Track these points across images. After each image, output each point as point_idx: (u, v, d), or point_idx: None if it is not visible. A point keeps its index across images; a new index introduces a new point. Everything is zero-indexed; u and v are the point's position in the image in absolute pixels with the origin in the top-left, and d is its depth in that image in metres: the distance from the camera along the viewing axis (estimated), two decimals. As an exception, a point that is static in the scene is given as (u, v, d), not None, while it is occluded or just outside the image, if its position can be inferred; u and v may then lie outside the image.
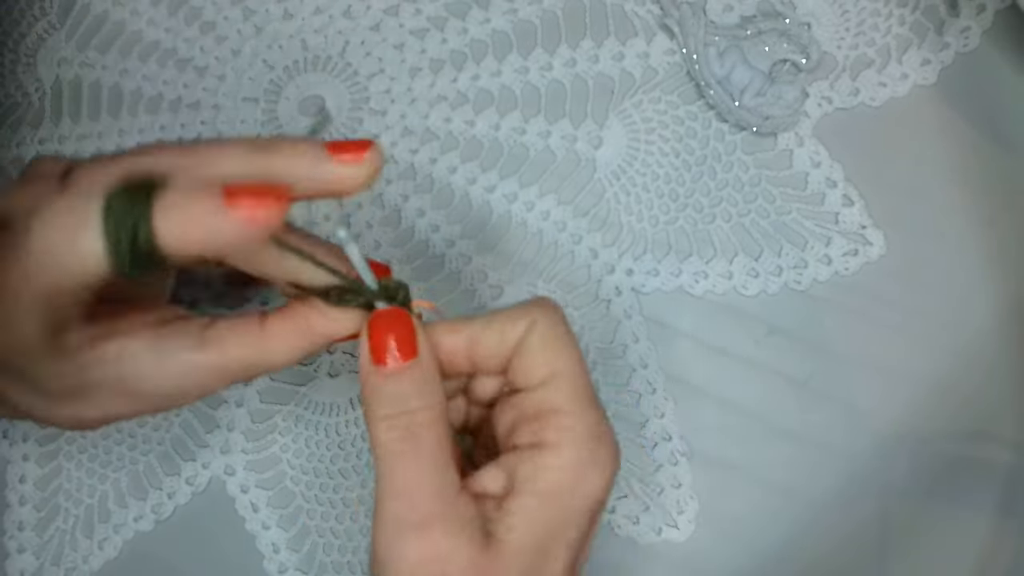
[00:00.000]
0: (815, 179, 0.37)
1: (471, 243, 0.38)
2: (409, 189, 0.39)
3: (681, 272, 0.36)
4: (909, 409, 0.35)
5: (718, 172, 0.37)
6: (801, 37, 0.37)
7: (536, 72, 0.39)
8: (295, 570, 0.36)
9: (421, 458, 0.25)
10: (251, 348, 0.27)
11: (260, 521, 0.36)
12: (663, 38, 0.39)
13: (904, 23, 0.38)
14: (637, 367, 0.36)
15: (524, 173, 0.38)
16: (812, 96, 0.37)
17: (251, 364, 0.28)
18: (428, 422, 0.25)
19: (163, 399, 0.28)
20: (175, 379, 0.27)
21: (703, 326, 0.36)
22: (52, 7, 0.44)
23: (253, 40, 0.42)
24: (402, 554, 0.24)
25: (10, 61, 0.43)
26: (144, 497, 0.37)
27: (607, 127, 0.38)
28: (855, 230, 0.36)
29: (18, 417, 0.29)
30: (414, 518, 0.24)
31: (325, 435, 0.37)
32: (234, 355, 0.27)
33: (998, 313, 0.35)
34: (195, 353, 0.27)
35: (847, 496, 0.34)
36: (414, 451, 0.25)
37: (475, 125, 0.39)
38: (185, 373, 0.27)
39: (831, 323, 0.36)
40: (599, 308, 0.37)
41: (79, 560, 0.37)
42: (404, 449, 0.25)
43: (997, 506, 0.34)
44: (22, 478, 0.38)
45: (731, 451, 0.35)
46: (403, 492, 0.25)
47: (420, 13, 0.41)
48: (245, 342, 0.27)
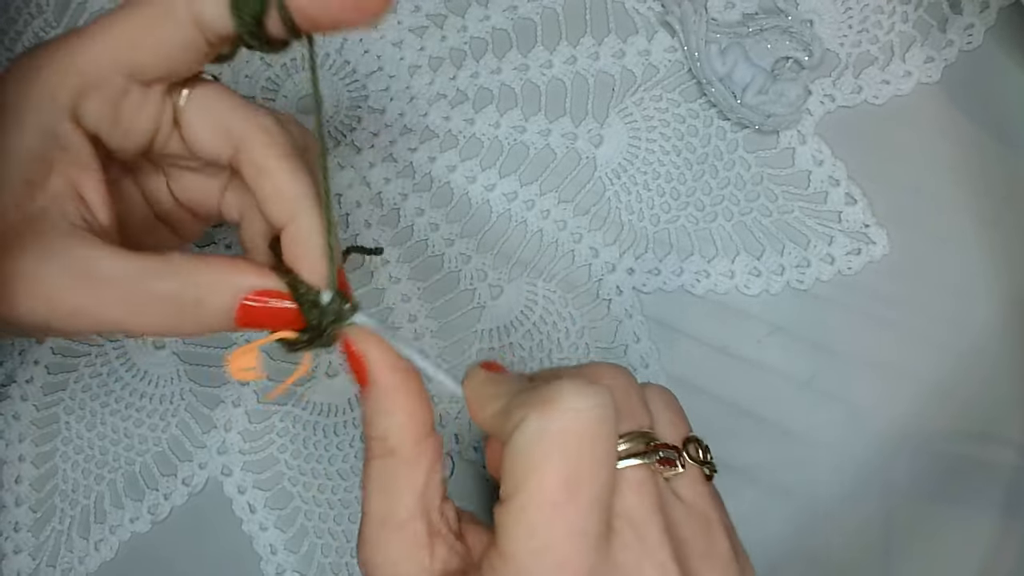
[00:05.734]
0: (818, 177, 0.36)
1: (470, 242, 0.38)
2: (408, 187, 0.38)
3: (683, 271, 0.36)
4: (912, 409, 0.34)
5: (720, 170, 0.37)
6: (803, 34, 0.37)
7: (536, 70, 0.39)
8: (293, 571, 0.36)
9: (368, 489, 0.24)
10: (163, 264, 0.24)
11: (258, 522, 0.36)
12: (664, 35, 0.38)
13: (907, 20, 0.37)
14: (638, 367, 0.36)
15: (524, 171, 0.38)
16: (814, 94, 0.37)
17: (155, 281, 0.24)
18: (377, 453, 0.24)
19: (28, 285, 0.23)
20: (61, 259, 0.23)
21: (705, 326, 0.36)
22: (48, 5, 0.43)
23: (251, 38, 0.42)
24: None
25: (6, 59, 0.43)
26: (140, 498, 0.37)
27: (608, 125, 0.38)
28: (858, 229, 0.36)
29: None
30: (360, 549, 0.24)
31: (323, 436, 0.37)
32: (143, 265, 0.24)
33: (1002, 312, 0.35)
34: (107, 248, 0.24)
35: (850, 497, 0.34)
36: (366, 480, 0.24)
37: (475, 123, 0.39)
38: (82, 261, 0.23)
39: (834, 322, 0.35)
40: (600, 308, 0.36)
41: (75, 561, 0.37)
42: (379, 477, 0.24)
43: (1001, 507, 0.33)
44: (18, 479, 0.38)
45: (733, 451, 0.34)
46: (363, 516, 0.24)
47: (419, 10, 0.40)
48: (161, 258, 0.24)
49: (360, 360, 0.24)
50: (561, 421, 0.21)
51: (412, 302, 0.37)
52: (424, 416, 0.25)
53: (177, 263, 0.24)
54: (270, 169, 0.26)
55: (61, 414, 0.38)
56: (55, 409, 0.38)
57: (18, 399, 0.38)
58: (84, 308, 0.23)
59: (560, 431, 0.21)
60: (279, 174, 0.26)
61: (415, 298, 0.37)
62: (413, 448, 0.24)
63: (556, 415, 0.21)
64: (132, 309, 0.23)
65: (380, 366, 0.24)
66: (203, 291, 0.24)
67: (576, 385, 0.22)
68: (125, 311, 0.23)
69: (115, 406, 0.38)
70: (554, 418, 0.21)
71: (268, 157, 0.26)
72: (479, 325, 0.37)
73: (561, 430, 0.21)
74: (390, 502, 0.24)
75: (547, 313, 0.37)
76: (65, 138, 0.24)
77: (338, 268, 0.26)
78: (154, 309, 0.24)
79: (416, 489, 0.24)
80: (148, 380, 0.38)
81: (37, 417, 0.38)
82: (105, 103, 0.25)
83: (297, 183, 0.26)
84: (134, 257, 0.24)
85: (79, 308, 0.23)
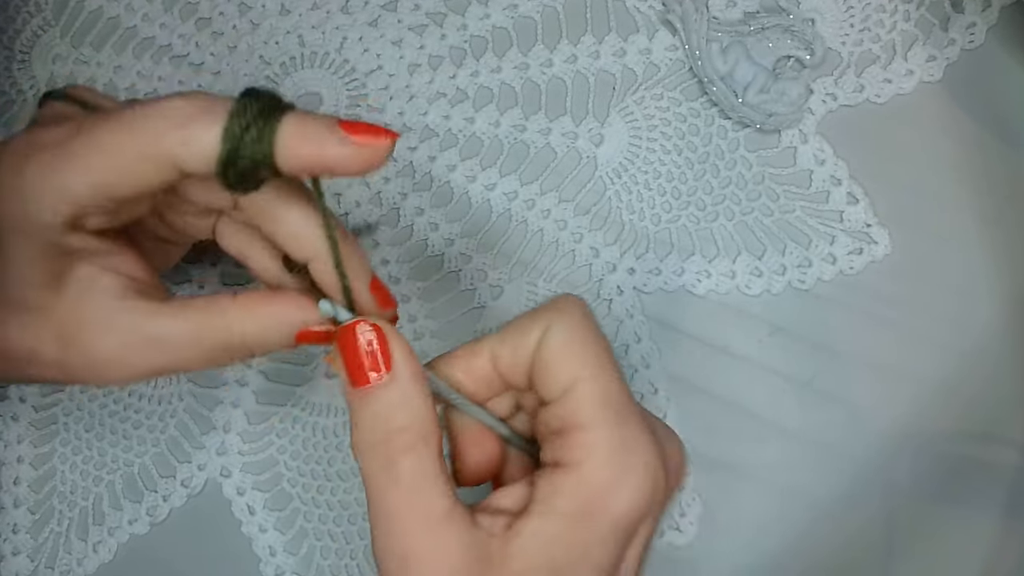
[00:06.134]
0: (819, 177, 0.36)
1: (470, 242, 0.37)
2: (408, 187, 0.38)
3: (684, 271, 0.36)
4: (914, 409, 0.34)
5: (721, 170, 0.37)
6: (805, 33, 0.37)
7: (536, 68, 0.39)
8: (292, 573, 0.35)
9: (401, 487, 0.23)
10: (218, 316, 0.26)
11: (257, 523, 0.36)
12: (665, 34, 0.38)
13: (909, 19, 0.37)
14: (639, 367, 0.35)
15: (524, 171, 0.38)
16: (816, 93, 0.37)
17: (214, 332, 0.26)
18: (406, 447, 0.24)
19: (102, 364, 0.26)
20: (126, 333, 0.25)
21: (706, 326, 0.36)
22: (47, 4, 0.43)
23: (249, 36, 0.41)
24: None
25: (4, 58, 0.43)
26: (139, 499, 0.37)
27: (608, 124, 0.38)
28: (860, 228, 0.35)
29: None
30: (397, 550, 0.23)
31: (323, 437, 0.36)
32: (200, 319, 0.26)
33: (1004, 312, 0.35)
34: (161, 307, 0.26)
35: (851, 497, 0.34)
36: (394, 481, 0.23)
37: (475, 122, 0.39)
38: (142, 325, 0.25)
39: (835, 322, 0.35)
40: (600, 308, 0.36)
41: (73, 563, 0.36)
42: (383, 479, 0.24)
43: (1003, 507, 0.33)
44: (16, 480, 0.37)
45: (734, 452, 0.34)
46: (385, 520, 0.24)
47: (419, 9, 0.40)
48: (214, 308, 0.26)
49: (362, 358, 0.24)
50: (576, 316, 0.24)
51: (411, 302, 0.37)
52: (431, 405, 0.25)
53: (231, 314, 0.26)
54: (279, 215, 0.27)
55: (59, 415, 0.38)
56: (53, 410, 0.38)
57: (16, 400, 0.38)
58: (164, 366, 0.26)
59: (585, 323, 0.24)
60: (290, 217, 0.27)
61: (414, 298, 0.37)
62: (436, 436, 0.24)
63: (575, 315, 0.25)
64: (204, 358, 0.26)
65: (406, 356, 0.24)
66: (260, 335, 0.26)
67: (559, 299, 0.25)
68: (199, 361, 0.26)
69: (113, 407, 0.38)
70: (575, 318, 0.24)
71: (272, 202, 0.27)
72: (479, 325, 0.36)
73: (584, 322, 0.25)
74: (430, 495, 0.23)
75: (547, 313, 0.36)
76: (71, 243, 0.25)
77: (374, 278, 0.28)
78: (222, 354, 0.26)
79: (447, 474, 0.24)
80: (147, 381, 0.38)
81: (35, 418, 0.38)
82: (99, 215, 0.25)
83: (309, 222, 0.27)
84: (190, 313, 0.26)
85: (160, 367, 0.26)
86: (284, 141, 0.23)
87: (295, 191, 0.27)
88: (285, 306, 0.26)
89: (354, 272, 0.26)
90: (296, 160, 0.24)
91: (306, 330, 0.27)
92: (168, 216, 0.29)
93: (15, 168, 0.24)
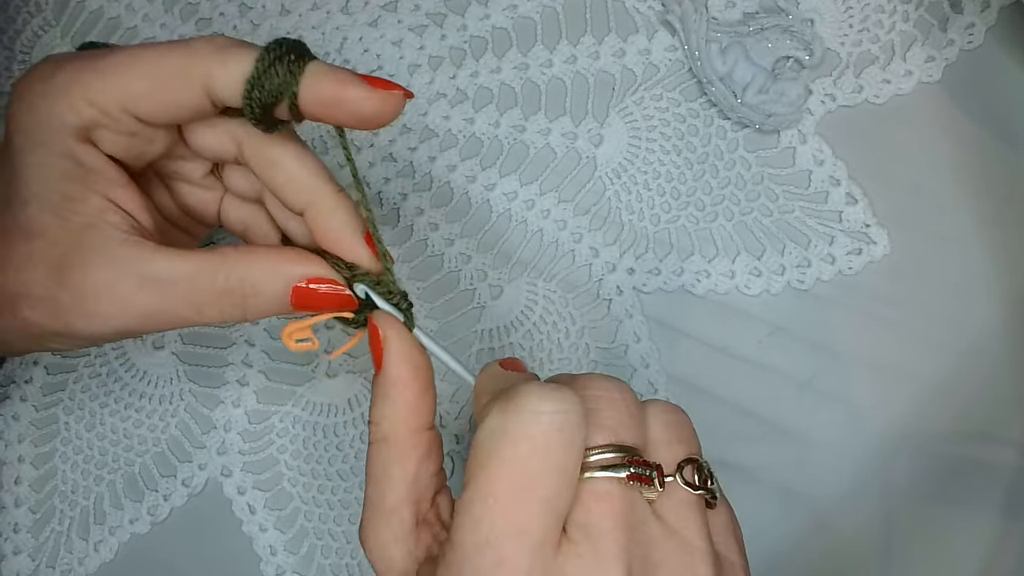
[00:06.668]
0: (818, 177, 0.36)
1: (470, 242, 0.37)
2: (408, 187, 0.38)
3: (683, 271, 0.36)
4: (913, 409, 0.34)
5: (720, 170, 0.37)
6: (804, 33, 0.37)
7: (536, 69, 0.39)
8: (293, 572, 0.36)
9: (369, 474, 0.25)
10: (219, 260, 0.26)
11: (258, 523, 0.36)
12: (665, 34, 0.38)
13: (908, 19, 0.37)
14: (639, 367, 0.36)
15: (524, 171, 0.38)
16: (815, 93, 0.37)
17: (213, 277, 0.25)
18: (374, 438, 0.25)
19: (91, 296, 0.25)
20: (123, 267, 0.25)
21: (705, 326, 0.36)
22: (47, 4, 0.43)
23: (249, 36, 0.41)
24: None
25: (5, 58, 0.43)
26: (140, 499, 0.37)
27: (608, 124, 0.38)
28: (859, 229, 0.36)
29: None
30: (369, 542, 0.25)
31: (323, 436, 0.36)
32: (200, 263, 0.25)
33: (1003, 312, 0.35)
34: (161, 250, 0.25)
35: (850, 497, 0.34)
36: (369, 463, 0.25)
37: (474, 123, 0.39)
38: (140, 263, 0.25)
39: (834, 323, 0.35)
40: (600, 308, 0.36)
41: (75, 562, 0.37)
42: (376, 464, 0.25)
43: (1002, 508, 0.33)
44: (17, 480, 0.38)
45: (733, 452, 0.34)
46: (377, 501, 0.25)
47: (419, 9, 0.40)
48: (216, 255, 0.26)
49: (380, 344, 0.26)
50: (517, 421, 0.21)
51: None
52: (423, 410, 0.25)
53: (231, 259, 0.26)
54: (277, 159, 0.27)
55: (60, 415, 0.38)
56: (54, 410, 0.38)
57: (17, 400, 0.38)
58: (155, 310, 0.25)
59: (514, 431, 0.21)
60: (288, 161, 0.27)
61: (415, 298, 0.37)
62: (407, 438, 0.25)
63: (513, 415, 0.21)
64: (197, 305, 0.25)
65: (395, 356, 0.25)
66: (257, 282, 0.26)
67: (542, 389, 0.22)
68: (191, 308, 0.25)
69: (114, 407, 0.38)
70: (511, 418, 0.21)
71: (273, 146, 0.27)
72: (479, 325, 0.37)
73: (516, 430, 0.21)
74: (381, 488, 0.25)
75: (547, 313, 0.37)
76: (86, 159, 0.25)
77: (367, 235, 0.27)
78: (216, 303, 0.26)
79: (406, 478, 0.25)
80: (147, 380, 0.38)
81: (36, 418, 0.38)
82: (117, 133, 0.26)
83: (306, 167, 0.27)
84: (190, 256, 0.25)
85: (151, 311, 0.25)
86: (309, 78, 0.25)
87: (295, 140, 0.28)
88: (285, 257, 0.26)
89: (346, 225, 0.27)
90: (318, 97, 0.25)
91: (303, 287, 0.26)
92: (176, 187, 0.30)
93: (46, 74, 0.25)
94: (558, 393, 0.22)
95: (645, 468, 0.23)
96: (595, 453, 0.23)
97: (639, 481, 0.23)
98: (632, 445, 0.23)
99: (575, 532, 0.22)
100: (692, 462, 0.25)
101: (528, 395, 0.22)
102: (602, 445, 0.23)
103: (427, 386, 0.26)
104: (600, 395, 0.24)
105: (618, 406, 0.24)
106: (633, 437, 0.23)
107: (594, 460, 0.22)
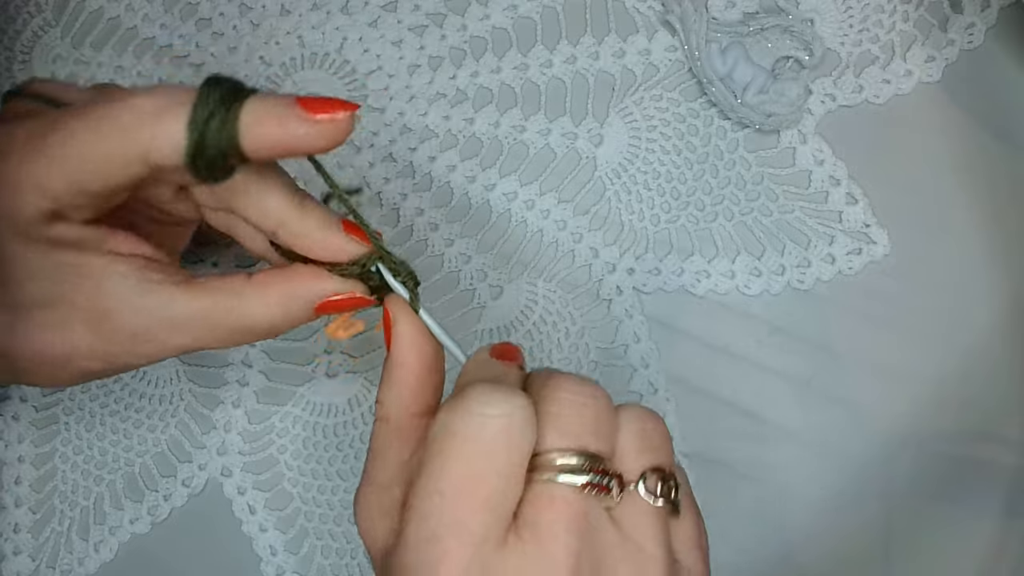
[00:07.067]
0: (818, 177, 0.36)
1: (470, 242, 0.37)
2: (408, 187, 0.38)
3: (683, 271, 0.36)
4: (913, 409, 0.34)
5: (720, 170, 0.37)
6: (804, 33, 0.37)
7: (536, 69, 0.39)
8: (293, 573, 0.35)
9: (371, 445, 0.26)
10: (234, 297, 0.26)
11: (258, 523, 0.36)
12: (665, 35, 0.38)
13: (908, 19, 0.37)
14: (638, 367, 0.36)
15: (524, 171, 0.38)
16: (815, 93, 0.37)
17: (229, 314, 0.26)
18: (377, 416, 0.26)
19: (132, 340, 0.26)
20: (150, 314, 0.26)
21: (705, 326, 0.36)
22: (47, 4, 0.43)
23: (249, 36, 0.41)
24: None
25: (5, 59, 0.43)
26: (140, 499, 0.37)
27: (608, 125, 0.38)
28: (859, 229, 0.36)
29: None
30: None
31: (323, 436, 0.36)
32: (215, 300, 0.26)
33: (1003, 312, 0.35)
34: (178, 290, 0.26)
35: (850, 497, 0.34)
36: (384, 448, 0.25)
37: (474, 123, 0.39)
38: (162, 308, 0.26)
39: (834, 323, 0.35)
40: (600, 308, 0.36)
41: (75, 563, 0.37)
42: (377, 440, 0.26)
43: (1002, 508, 0.33)
44: (17, 480, 0.38)
45: (733, 452, 0.34)
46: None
47: (419, 9, 0.40)
48: (229, 289, 0.26)
49: (390, 327, 0.26)
50: (464, 422, 0.22)
51: (412, 302, 0.37)
52: (425, 395, 0.26)
53: (248, 296, 0.26)
54: (227, 199, 0.27)
55: (60, 415, 0.38)
56: (54, 410, 0.38)
57: (17, 400, 0.38)
58: (190, 344, 0.26)
59: (462, 431, 0.22)
60: (238, 199, 0.27)
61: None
62: (408, 420, 0.25)
63: (461, 415, 0.22)
64: (215, 337, 0.26)
65: (400, 340, 0.26)
66: (278, 319, 0.26)
67: (490, 391, 0.22)
68: (210, 340, 0.26)
69: (114, 407, 0.38)
70: (459, 417, 0.22)
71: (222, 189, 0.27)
72: (479, 325, 0.37)
73: (463, 430, 0.22)
74: (378, 465, 0.25)
75: (547, 313, 0.37)
76: (66, 234, 0.25)
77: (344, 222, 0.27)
78: (233, 335, 0.26)
79: (402, 459, 0.25)
80: (147, 381, 0.38)
81: (36, 418, 0.38)
82: (81, 207, 0.25)
83: (261, 196, 0.26)
84: (206, 292, 0.26)
85: (187, 346, 0.26)
86: (247, 125, 0.24)
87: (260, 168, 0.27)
88: (301, 281, 0.26)
89: (321, 230, 0.27)
90: (261, 143, 0.24)
91: (326, 301, 0.27)
92: (153, 202, 0.29)
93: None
94: (505, 396, 0.22)
95: (604, 476, 0.23)
96: (557, 456, 0.23)
97: (596, 488, 0.23)
98: (595, 451, 0.23)
99: (524, 530, 0.22)
100: (658, 471, 0.24)
101: (476, 397, 0.22)
102: (562, 449, 0.23)
103: (430, 372, 0.26)
104: (568, 398, 0.24)
105: (584, 412, 0.23)
106: (598, 443, 0.23)
107: (555, 463, 0.23)
